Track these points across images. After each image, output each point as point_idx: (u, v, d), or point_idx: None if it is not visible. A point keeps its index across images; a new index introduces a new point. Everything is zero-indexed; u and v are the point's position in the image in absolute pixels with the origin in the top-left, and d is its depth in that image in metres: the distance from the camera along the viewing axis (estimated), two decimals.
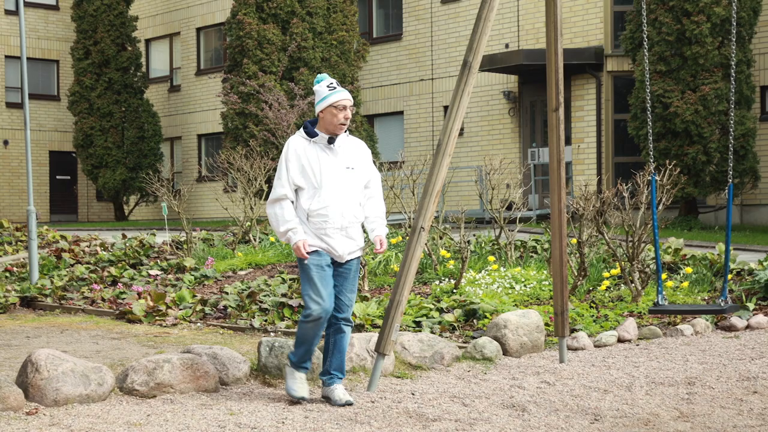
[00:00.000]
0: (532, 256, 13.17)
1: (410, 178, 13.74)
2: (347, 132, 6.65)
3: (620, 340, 9.13)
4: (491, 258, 12.45)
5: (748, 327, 9.71)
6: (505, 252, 13.03)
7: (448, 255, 12.52)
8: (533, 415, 6.32)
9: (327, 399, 6.58)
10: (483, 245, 13.93)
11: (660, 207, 10.85)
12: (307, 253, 6.38)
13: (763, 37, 20.97)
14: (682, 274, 11.49)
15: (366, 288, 11.28)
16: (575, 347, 8.78)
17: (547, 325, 9.13)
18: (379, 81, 27.23)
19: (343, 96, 6.52)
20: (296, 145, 6.52)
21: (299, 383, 6.53)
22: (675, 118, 19.16)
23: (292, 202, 6.48)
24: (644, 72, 6.89)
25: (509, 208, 14.46)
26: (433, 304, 9.96)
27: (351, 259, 6.58)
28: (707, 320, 9.74)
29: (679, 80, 19.46)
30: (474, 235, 14.82)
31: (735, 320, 9.70)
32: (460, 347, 8.37)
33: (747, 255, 13.34)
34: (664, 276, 11.26)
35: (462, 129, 25.14)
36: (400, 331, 8.57)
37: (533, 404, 6.63)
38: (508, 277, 11.45)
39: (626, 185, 11.21)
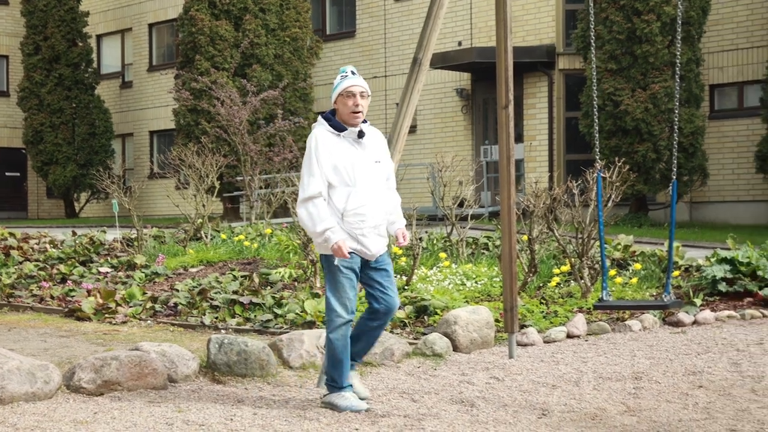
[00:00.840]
0: (483, 253, 13.23)
1: None
2: (366, 122, 6.29)
3: (569, 336, 9.20)
4: (443, 255, 12.50)
5: (695, 322, 9.82)
6: (457, 249, 13.09)
7: (400, 252, 12.55)
8: (482, 411, 6.36)
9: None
10: (435, 242, 13.97)
11: (609, 204, 10.94)
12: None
13: (713, 37, 21.22)
14: (631, 271, 11.60)
15: (318, 285, 11.27)
16: (525, 343, 8.83)
17: (497, 321, 9.18)
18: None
19: (352, 82, 6.15)
20: (325, 139, 6.11)
21: (354, 399, 6.21)
22: (626, 116, 19.32)
23: (324, 199, 6.08)
24: (592, 70, 6.96)
25: (461, 205, 14.52)
26: None
27: (380, 255, 6.27)
28: (655, 316, 9.85)
29: (630, 78, 19.64)
30: (426, 232, 14.85)
31: (682, 316, 9.81)
32: (410, 343, 8.39)
33: (695, 251, 13.49)
34: (613, 272, 11.37)
35: (415, 126, 25.20)
36: None
37: (482, 400, 6.67)
38: (459, 274, 11.50)
39: (576, 182, 11.30)
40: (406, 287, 10.66)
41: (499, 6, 7.57)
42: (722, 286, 10.74)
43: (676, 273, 11.48)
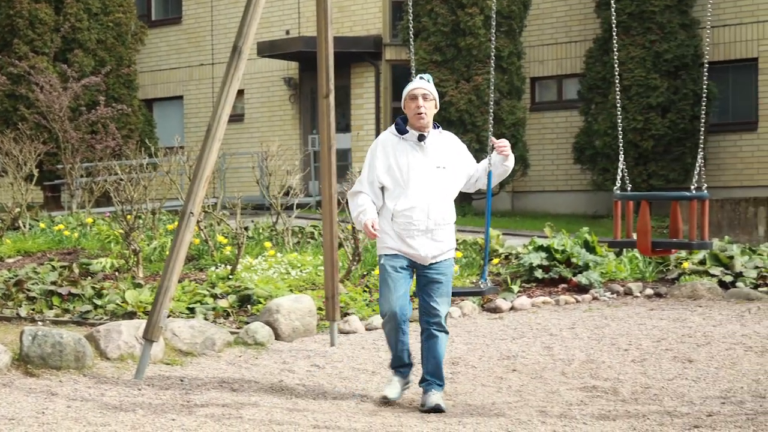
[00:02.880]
0: (309, 242, 13.29)
1: (187, 164, 13.60)
2: (439, 128, 6.32)
3: None
4: (268, 244, 12.49)
5: (512, 308, 10.12)
6: (283, 238, 13.10)
7: (225, 241, 12.47)
8: (301, 398, 6.39)
9: (421, 405, 6.27)
10: (261, 231, 13.94)
11: None
12: (386, 255, 6.18)
13: (533, 31, 21.81)
14: None
15: (140, 275, 11.09)
16: (347, 331, 8.91)
17: (320, 309, 9.23)
18: (157, 65, 26.74)
19: (415, 85, 6.25)
20: (385, 141, 6.25)
21: (390, 385, 6.34)
22: (450, 107, 19.69)
23: (368, 197, 6.21)
24: (411, 62, 7.08)
25: (287, 194, 14.54)
26: (207, 290, 9.90)
27: (436, 262, 6.24)
28: (474, 302, 10.09)
29: (454, 70, 20.01)
30: (253, 222, 14.80)
31: (500, 302, 10.09)
32: (232, 333, 8.35)
33: (515, 240, 13.87)
34: None
35: (243, 115, 25.04)
36: (173, 317, 8.49)
37: (302, 387, 6.70)
38: (284, 263, 11.51)
39: None
40: (230, 277, 10.60)
41: None
42: (539, 273, 11.10)
43: (495, 261, 11.80)
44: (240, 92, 24.94)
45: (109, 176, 15.25)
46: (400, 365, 6.36)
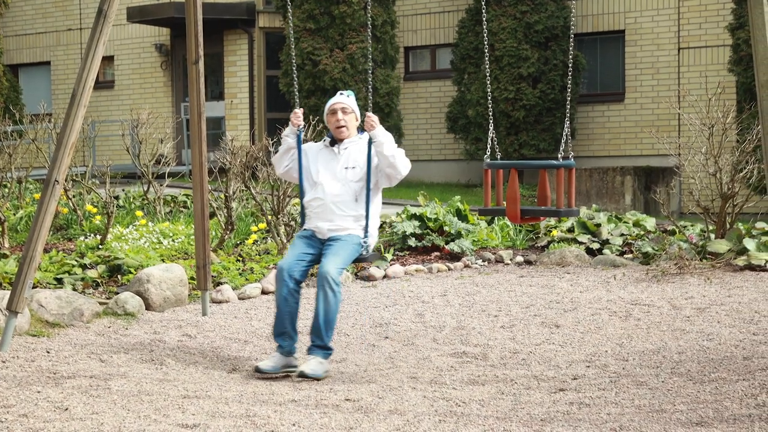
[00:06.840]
0: (182, 211, 13.12)
1: (54, 131, 13.27)
2: (361, 134, 6.68)
3: (264, 292, 9.29)
4: (139, 213, 12.29)
5: (385, 276, 10.18)
6: (154, 207, 12.90)
7: (95, 210, 12.23)
8: (171, 369, 6.32)
9: None
10: (132, 200, 13.71)
11: None
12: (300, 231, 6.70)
13: (407, 0, 21.85)
14: None
15: (6, 245, 10.79)
16: (220, 300, 8.85)
17: (192, 279, 9.13)
18: (23, 29, 25.94)
19: (334, 100, 6.68)
20: (307, 147, 6.77)
21: (267, 358, 6.39)
22: (324, 75, 19.63)
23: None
24: (290, 29, 7.06)
25: (159, 162, 14.31)
26: (76, 260, 9.68)
27: (335, 236, 6.53)
28: (348, 270, 10.11)
29: (328, 38, 19.93)
30: (124, 191, 14.54)
31: (374, 270, 10.14)
32: (102, 303, 8.20)
33: (390, 209, 13.92)
34: None
35: (113, 81, 24.52)
36: (40, 288, 8.28)
37: (172, 358, 6.63)
38: (156, 232, 11.34)
39: (273, 140, 11.39)
40: (100, 246, 10.40)
41: None
42: (412, 242, 11.19)
43: None
44: (110, 59, 24.39)
45: None
46: (281, 332, 6.37)
